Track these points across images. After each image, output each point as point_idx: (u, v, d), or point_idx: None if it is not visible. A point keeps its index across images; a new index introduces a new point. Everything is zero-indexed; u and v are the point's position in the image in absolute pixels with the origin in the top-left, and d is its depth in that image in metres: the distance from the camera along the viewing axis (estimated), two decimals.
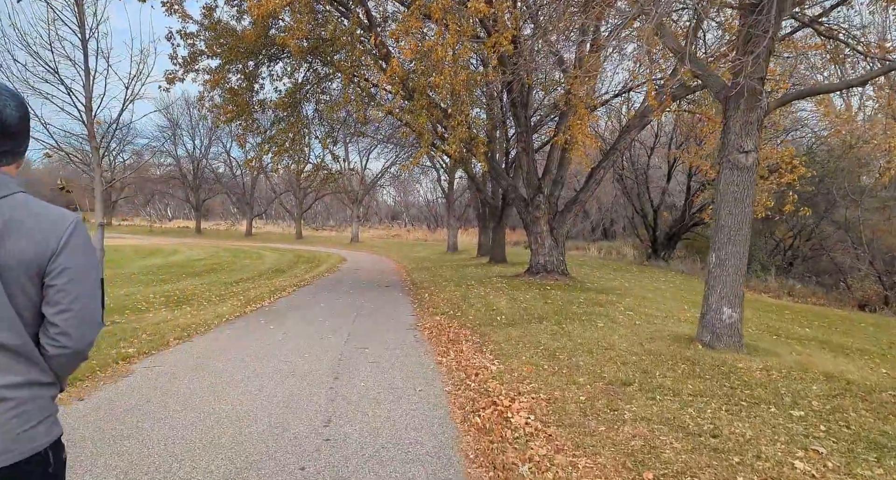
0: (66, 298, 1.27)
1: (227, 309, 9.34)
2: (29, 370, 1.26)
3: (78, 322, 1.29)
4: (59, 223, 1.28)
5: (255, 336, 6.76)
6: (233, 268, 19.54)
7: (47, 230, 1.26)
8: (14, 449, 1.22)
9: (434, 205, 61.49)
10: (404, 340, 6.60)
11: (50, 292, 1.26)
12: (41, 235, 1.25)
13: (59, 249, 1.26)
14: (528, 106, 12.25)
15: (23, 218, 1.24)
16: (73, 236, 1.29)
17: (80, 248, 1.31)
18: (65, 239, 1.27)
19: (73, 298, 1.28)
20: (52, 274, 1.26)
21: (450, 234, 31.87)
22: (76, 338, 1.29)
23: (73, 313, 1.28)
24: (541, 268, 12.85)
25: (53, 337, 1.27)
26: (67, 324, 1.27)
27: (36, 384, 1.28)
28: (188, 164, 49.74)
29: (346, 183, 42.26)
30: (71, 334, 1.28)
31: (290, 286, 13.45)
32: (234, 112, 12.58)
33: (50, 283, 1.26)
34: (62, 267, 1.26)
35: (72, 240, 1.29)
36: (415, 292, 12.23)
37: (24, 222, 1.24)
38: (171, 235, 48.84)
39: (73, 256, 1.29)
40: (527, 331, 6.69)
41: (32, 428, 1.26)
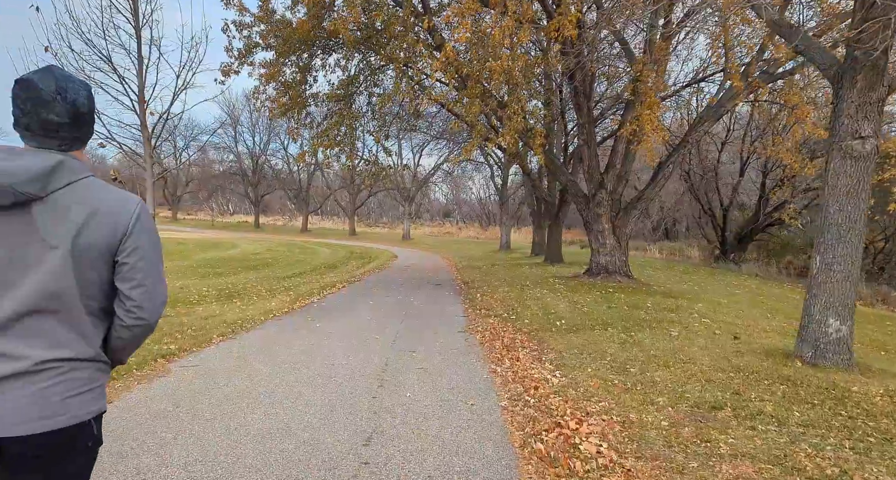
0: (138, 274, 1.36)
1: (276, 304, 9.15)
2: (79, 342, 1.33)
3: (150, 296, 1.38)
4: (128, 205, 1.37)
5: (300, 334, 6.44)
6: (287, 263, 19.70)
7: (119, 213, 1.34)
8: (60, 414, 1.27)
9: (486, 202, 60.80)
10: (455, 344, 6.10)
11: (123, 269, 1.35)
12: (114, 217, 1.33)
13: (129, 230, 1.34)
14: (591, 96, 11.47)
15: (100, 201, 1.33)
16: (141, 218, 1.38)
17: (147, 230, 1.39)
18: (133, 220, 1.36)
19: (145, 275, 1.37)
20: (125, 253, 1.34)
21: (503, 232, 31.17)
22: (149, 311, 1.39)
23: (146, 288, 1.37)
24: (601, 269, 12.04)
25: (130, 310, 1.37)
26: (143, 298, 1.37)
27: (84, 360, 1.34)
28: (248, 160, 51.30)
29: (398, 179, 42.34)
30: (145, 307, 1.38)
31: (340, 282, 13.25)
32: (286, 105, 12.48)
33: (123, 261, 1.34)
34: (133, 247, 1.35)
35: (140, 221, 1.37)
36: (466, 292, 11.72)
37: (101, 206, 1.32)
38: (231, 229, 50.54)
39: (143, 236, 1.37)
40: (590, 339, 6.04)
41: (78, 396, 1.31)
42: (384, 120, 14.02)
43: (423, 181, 42.94)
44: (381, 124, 13.70)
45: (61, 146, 1.34)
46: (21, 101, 1.30)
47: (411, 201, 43.39)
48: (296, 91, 12.41)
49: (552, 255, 19.34)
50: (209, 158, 56.35)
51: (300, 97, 12.62)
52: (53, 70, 1.34)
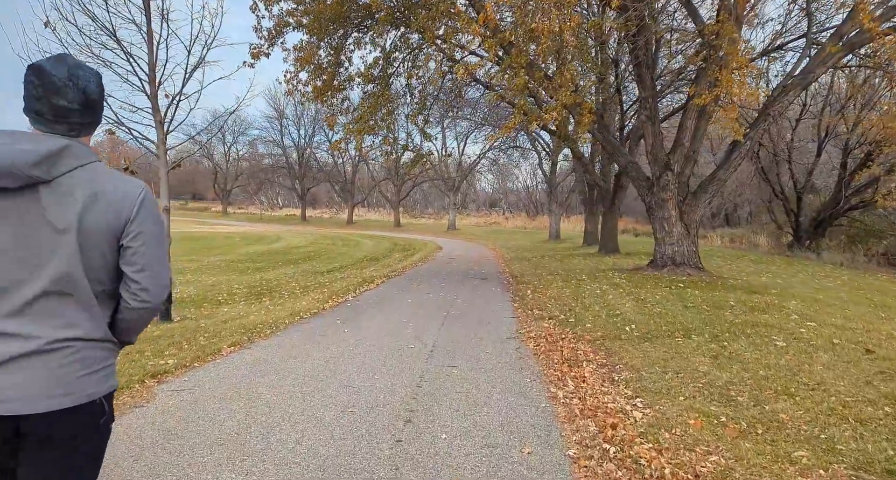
0: (142, 259, 1.39)
1: (307, 303, 8.39)
2: (90, 323, 1.36)
3: (154, 280, 1.41)
4: (133, 191, 1.39)
5: (324, 343, 5.58)
6: (329, 256, 19.17)
7: (123, 198, 1.36)
8: (72, 392, 1.30)
9: (534, 191, 59.18)
10: (504, 356, 5.08)
11: (127, 253, 1.38)
12: (118, 203, 1.35)
13: (133, 215, 1.37)
14: (654, 65, 10.08)
15: (104, 186, 1.35)
16: (145, 203, 1.40)
17: (152, 214, 1.42)
18: (137, 206, 1.38)
19: (148, 260, 1.39)
20: (129, 237, 1.37)
21: (552, 221, 29.75)
22: (153, 294, 1.41)
23: (150, 272, 1.40)
24: (668, 260, 10.69)
25: (135, 293, 1.40)
26: (147, 282, 1.39)
27: (94, 340, 1.36)
28: (294, 153, 51.63)
29: (442, 169, 41.42)
30: (150, 290, 1.40)
31: (380, 276, 12.45)
32: (320, 89, 11.69)
33: (128, 245, 1.37)
34: (137, 231, 1.37)
35: (144, 206, 1.39)
36: (515, 287, 10.65)
37: (105, 190, 1.34)
38: (279, 223, 51.10)
39: (146, 221, 1.39)
40: (672, 350, 4.88)
41: (90, 375, 1.35)
42: (424, 103, 13.04)
43: (467, 170, 41.84)
44: (421, 107, 12.71)
45: (71, 131, 1.37)
46: (34, 88, 1.33)
47: (456, 191, 42.39)
48: (330, 73, 11.60)
49: (607, 245, 17.93)
50: (258, 152, 57.18)
51: (334, 78, 11.80)
52: (66, 58, 1.39)
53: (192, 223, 45.17)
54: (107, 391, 1.38)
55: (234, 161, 60.88)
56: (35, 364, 1.27)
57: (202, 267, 14.97)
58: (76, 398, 1.30)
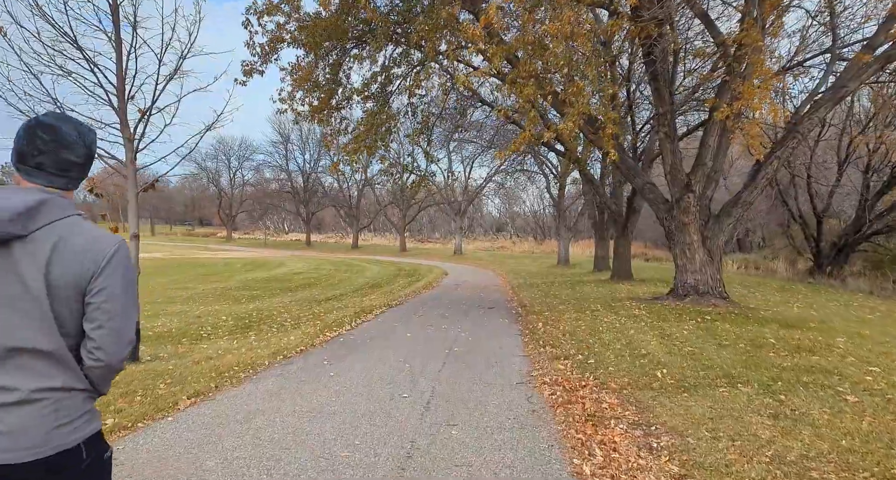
0: (102, 316, 1.35)
1: (295, 339, 7.59)
2: (65, 375, 1.35)
3: (112, 339, 1.37)
4: (103, 245, 1.37)
5: (303, 392, 4.77)
6: (330, 283, 18.43)
7: (91, 252, 1.35)
8: (49, 443, 1.31)
9: (541, 215, 58.49)
10: (514, 408, 4.24)
11: (89, 309, 1.35)
12: (85, 256, 1.34)
13: (99, 271, 1.34)
14: (673, 78, 9.42)
15: (72, 239, 1.34)
16: (114, 259, 1.38)
17: (119, 271, 1.38)
18: (105, 261, 1.36)
19: (109, 317, 1.36)
20: (92, 293, 1.34)
21: (561, 246, 28.96)
22: (109, 353, 1.38)
23: (108, 330, 1.36)
24: (690, 290, 9.83)
25: (90, 351, 1.37)
26: (102, 340, 1.36)
27: (70, 389, 1.36)
28: (299, 178, 51.40)
29: (448, 193, 40.89)
30: (105, 349, 1.37)
31: (380, 306, 11.66)
32: (316, 108, 11.11)
33: (89, 301, 1.35)
34: (100, 287, 1.35)
35: (112, 262, 1.37)
36: (525, 317, 9.81)
37: (73, 243, 1.33)
38: (283, 248, 50.52)
39: (111, 278, 1.36)
40: (719, 405, 4.02)
41: (66, 425, 1.34)
42: (427, 122, 12.43)
43: (474, 194, 41.26)
44: (423, 127, 12.10)
45: (68, 184, 1.43)
46: (42, 143, 1.37)
47: (463, 215, 41.76)
48: (327, 92, 11.03)
49: (620, 271, 17.06)
50: (264, 177, 57.04)
51: (332, 99, 11.23)
52: (68, 116, 1.47)
53: (195, 249, 44.72)
54: (84, 437, 1.39)
55: (239, 186, 60.81)
56: (17, 414, 1.29)
57: (195, 296, 14.24)
58: (50, 449, 1.31)
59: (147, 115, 6.05)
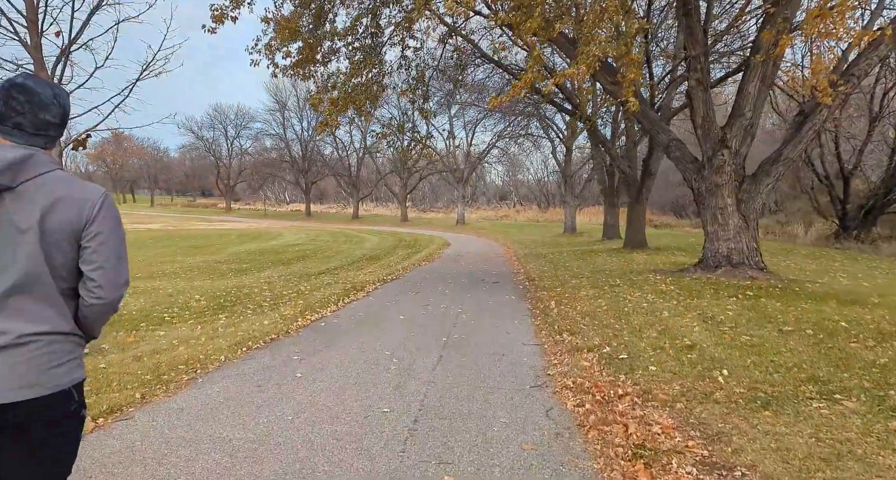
0: (99, 257, 1.46)
1: (269, 323, 6.52)
2: (57, 319, 1.44)
3: (111, 277, 1.48)
4: (93, 194, 1.49)
5: (255, 404, 3.69)
6: (325, 255, 17.35)
7: (83, 200, 1.46)
8: (43, 383, 1.38)
9: (545, 182, 56.99)
10: (530, 432, 3.15)
11: (86, 253, 1.46)
12: (78, 204, 1.45)
13: (92, 217, 1.45)
14: (710, 13, 7.99)
15: (63, 189, 1.44)
16: (104, 206, 1.49)
17: (111, 217, 1.50)
18: (97, 208, 1.47)
19: (105, 258, 1.47)
20: (87, 238, 1.45)
21: (567, 214, 27.73)
22: (109, 291, 1.48)
23: (106, 270, 1.47)
24: (722, 260, 8.66)
25: (91, 290, 1.47)
26: (102, 279, 1.46)
27: (61, 333, 1.45)
28: (297, 147, 49.87)
29: (450, 161, 39.43)
30: (105, 287, 1.47)
31: (374, 281, 10.59)
32: (299, 62, 9.76)
33: (86, 245, 1.46)
34: (96, 232, 1.46)
35: (102, 209, 1.48)
36: (534, 294, 8.70)
37: (66, 194, 1.44)
38: (283, 218, 49.40)
39: (104, 223, 1.48)
40: (825, 436, 2.87)
41: (59, 366, 1.43)
42: (422, 76, 11.05)
43: (476, 160, 39.76)
44: (419, 81, 10.74)
45: (46, 143, 1.51)
46: (19, 104, 1.45)
47: (465, 183, 40.37)
48: (308, 42, 9.65)
49: (634, 240, 15.87)
50: (264, 146, 55.43)
51: (318, 51, 9.85)
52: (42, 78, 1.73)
53: (192, 220, 43.63)
54: (75, 381, 1.46)
55: (238, 156, 59.30)
56: (6, 357, 1.35)
57: (178, 271, 13.16)
58: (46, 388, 1.38)
59: (67, 52, 4.79)
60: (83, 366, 1.52)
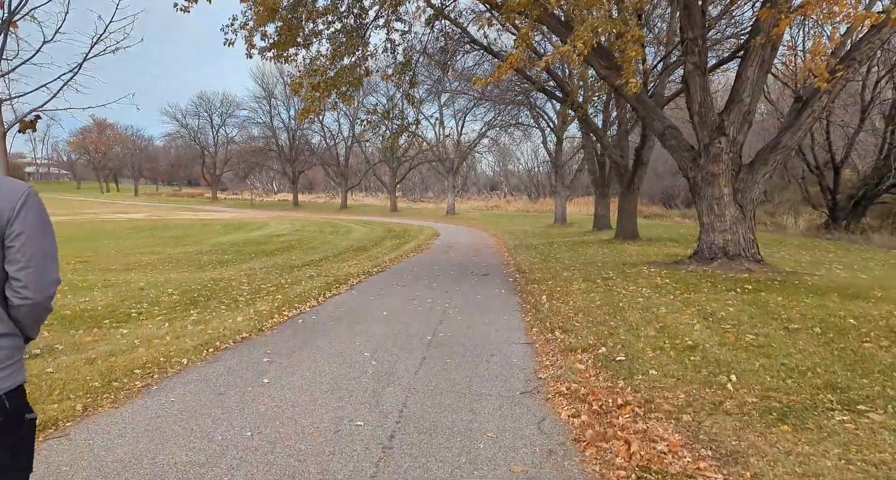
0: (23, 257, 1.40)
1: (242, 320, 6.12)
2: None
3: (36, 277, 1.42)
4: (14, 193, 1.42)
5: (212, 416, 3.31)
6: (311, 245, 16.90)
7: (4, 199, 1.40)
8: None
9: (536, 173, 56.64)
10: (520, 449, 2.80)
11: (10, 252, 1.41)
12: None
13: (14, 215, 1.39)
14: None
15: None
16: (26, 205, 1.43)
17: (35, 214, 1.44)
18: (18, 206, 1.41)
19: (29, 257, 1.41)
20: (11, 237, 1.40)
21: (557, 204, 27.44)
22: (35, 291, 1.42)
23: (31, 270, 1.41)
24: (718, 252, 8.37)
25: (17, 290, 1.41)
26: (28, 279, 1.41)
27: None
28: (284, 135, 49.03)
29: (440, 150, 38.92)
30: (31, 287, 1.41)
31: (359, 273, 10.20)
32: (277, 43, 9.25)
33: (9, 245, 1.40)
34: (18, 232, 1.40)
35: (25, 207, 1.42)
36: (524, 287, 8.37)
37: None
38: (270, 208, 48.65)
39: (27, 221, 1.42)
40: (856, 458, 2.53)
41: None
42: (409, 61, 10.57)
43: (467, 150, 39.28)
44: (405, 65, 10.26)
45: None
46: None
47: (455, 173, 39.92)
48: (289, 19, 9.13)
49: (625, 231, 15.59)
50: (251, 135, 54.41)
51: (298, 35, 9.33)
52: None
53: (177, 210, 42.81)
54: (10, 388, 1.40)
55: (224, 144, 58.24)
56: None
57: (156, 262, 12.66)
58: None
59: (8, 23, 4.32)
60: (22, 371, 1.46)
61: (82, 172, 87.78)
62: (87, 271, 10.72)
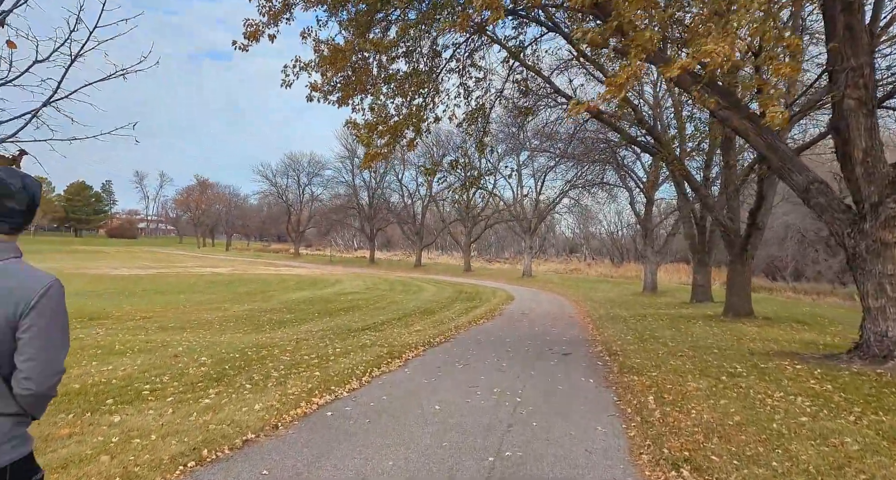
0: (30, 350, 1.49)
1: (260, 409, 4.85)
2: None
3: (39, 370, 1.50)
4: (36, 285, 1.54)
5: None
6: (377, 306, 15.83)
7: (23, 290, 1.52)
8: None
9: (619, 236, 53.73)
10: None
11: (19, 343, 1.51)
12: (15, 297, 1.51)
13: (28, 310, 1.50)
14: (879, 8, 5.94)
15: (5, 281, 1.52)
16: (43, 299, 1.53)
17: (48, 310, 1.54)
18: (34, 301, 1.52)
19: (36, 350, 1.50)
20: (22, 329, 1.50)
21: (647, 271, 24.94)
22: (37, 382, 1.51)
23: (35, 362, 1.50)
24: (893, 347, 6.17)
25: (20, 381, 1.51)
26: (31, 372, 1.50)
27: (4, 413, 1.52)
28: (364, 193, 50.09)
29: (518, 210, 37.71)
30: (33, 379, 1.51)
31: (418, 344, 8.84)
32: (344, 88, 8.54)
33: (19, 336, 1.51)
34: (29, 325, 1.50)
35: (40, 302, 1.53)
36: (618, 377, 6.57)
37: (7, 285, 1.52)
38: (348, 264, 49.06)
39: (39, 316, 1.52)
40: None
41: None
42: (482, 108, 9.53)
43: (546, 210, 37.79)
44: (476, 113, 9.20)
45: (11, 230, 1.61)
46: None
47: (533, 234, 38.34)
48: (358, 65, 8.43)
49: (736, 306, 13.18)
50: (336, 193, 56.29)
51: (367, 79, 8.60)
52: (16, 169, 1.68)
53: (259, 265, 44.07)
54: (15, 458, 1.51)
55: (308, 202, 60.66)
56: None
57: (214, 321, 11.97)
58: None
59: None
60: (27, 443, 1.58)
61: (184, 228, 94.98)
62: (140, 330, 10.09)
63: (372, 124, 7.82)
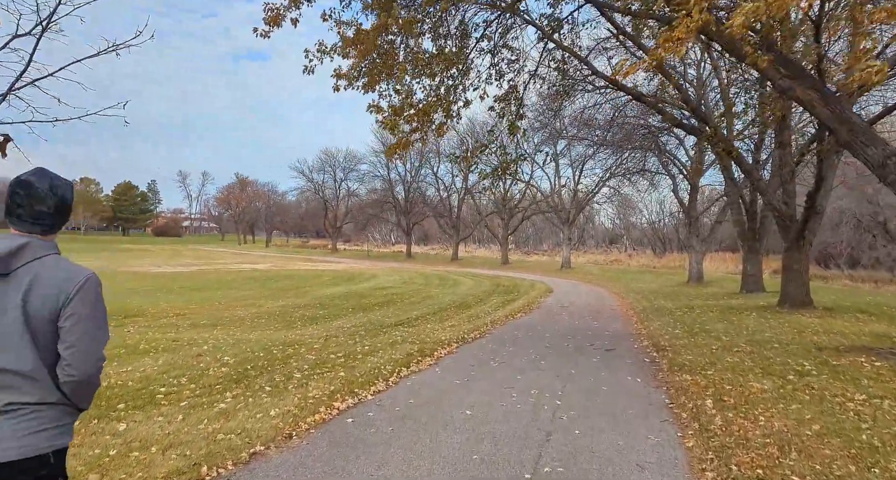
0: (71, 338, 1.58)
1: (277, 414, 4.53)
2: (41, 391, 1.58)
3: (81, 357, 1.59)
4: (75, 278, 1.63)
5: None
6: (412, 300, 15.50)
7: (64, 282, 1.61)
8: (23, 446, 1.51)
9: (661, 226, 51.91)
10: None
11: (61, 332, 1.60)
12: (59, 287, 1.60)
13: (69, 300, 1.59)
14: None
15: (47, 274, 1.61)
16: (82, 290, 1.62)
17: (87, 300, 1.63)
18: (75, 290, 1.61)
19: (77, 338, 1.59)
20: (63, 318, 1.58)
21: (692, 260, 23.79)
22: (79, 369, 1.59)
23: (77, 349, 1.59)
24: None
25: (63, 368, 1.59)
26: (73, 359, 1.58)
27: (46, 403, 1.59)
28: (399, 187, 49.97)
29: (555, 201, 36.78)
30: (75, 366, 1.59)
31: (452, 340, 8.42)
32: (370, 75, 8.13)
33: (61, 325, 1.59)
34: (71, 313, 1.59)
35: (80, 292, 1.62)
36: (669, 376, 5.96)
37: (47, 278, 1.60)
38: (385, 259, 49.09)
39: (80, 305, 1.61)
40: None
41: (40, 432, 1.55)
42: (515, 89, 8.95)
43: (584, 200, 36.69)
44: (510, 93, 8.64)
45: (43, 230, 1.67)
46: (19, 198, 1.65)
47: (571, 225, 37.33)
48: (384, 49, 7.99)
49: (793, 297, 12.19)
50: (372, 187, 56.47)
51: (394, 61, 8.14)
52: (46, 171, 1.73)
53: (297, 260, 44.57)
54: (55, 447, 1.58)
55: (345, 197, 61.05)
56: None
57: (246, 317, 11.85)
58: (24, 451, 1.50)
59: None
60: (69, 435, 1.64)
61: (226, 226, 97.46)
62: (171, 328, 10.02)
63: (397, 107, 7.38)
